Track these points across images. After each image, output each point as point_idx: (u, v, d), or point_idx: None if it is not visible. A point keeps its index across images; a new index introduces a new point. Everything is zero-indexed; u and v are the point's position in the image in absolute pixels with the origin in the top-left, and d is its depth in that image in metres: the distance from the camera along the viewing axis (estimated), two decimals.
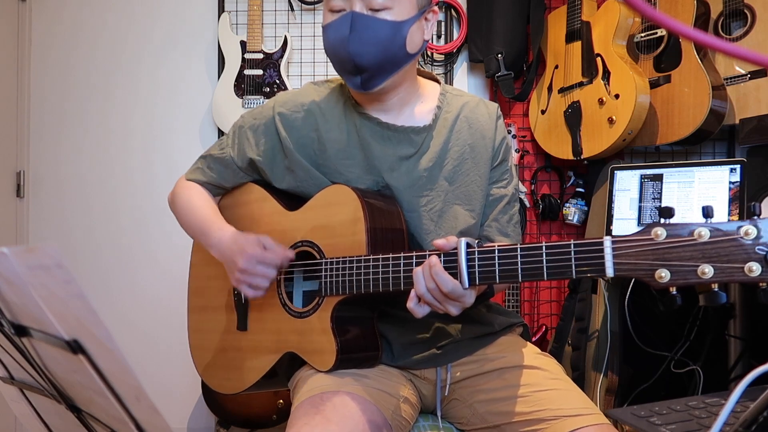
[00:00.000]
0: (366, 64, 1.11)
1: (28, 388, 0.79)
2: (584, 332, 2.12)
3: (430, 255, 1.00)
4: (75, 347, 0.58)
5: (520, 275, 0.92)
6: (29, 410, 0.86)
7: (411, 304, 1.00)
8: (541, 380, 1.12)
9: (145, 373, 2.48)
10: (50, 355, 0.65)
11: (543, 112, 2.42)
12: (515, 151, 2.36)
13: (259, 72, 2.52)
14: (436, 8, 1.20)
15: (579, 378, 2.08)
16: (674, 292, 0.81)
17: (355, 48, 1.10)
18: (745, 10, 2.07)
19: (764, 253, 0.74)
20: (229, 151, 1.30)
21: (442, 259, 0.99)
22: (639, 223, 2.02)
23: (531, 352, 1.20)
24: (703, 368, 1.93)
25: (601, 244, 0.85)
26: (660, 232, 0.81)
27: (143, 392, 0.57)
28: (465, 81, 2.65)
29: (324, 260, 1.14)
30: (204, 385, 1.39)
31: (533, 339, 2.36)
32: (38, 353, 0.68)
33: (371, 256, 1.08)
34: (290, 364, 1.22)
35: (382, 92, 1.18)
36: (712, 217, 0.78)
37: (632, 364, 2.07)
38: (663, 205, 1.95)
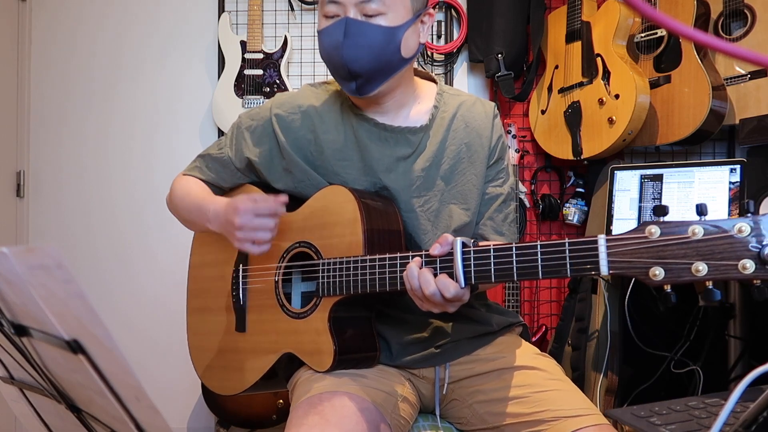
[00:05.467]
0: (360, 70, 1.11)
1: (28, 388, 0.79)
2: (584, 332, 2.12)
3: (427, 259, 1.00)
4: (75, 347, 0.58)
5: (515, 274, 0.93)
6: (29, 410, 0.86)
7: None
8: (540, 381, 1.12)
9: (145, 373, 2.49)
10: (50, 355, 0.66)
11: (543, 112, 2.42)
12: (515, 151, 2.36)
13: (259, 72, 2.52)
14: (432, 11, 1.20)
15: (579, 378, 2.08)
16: (669, 290, 0.81)
17: (349, 54, 1.10)
18: (745, 10, 2.07)
19: (758, 250, 0.74)
20: (227, 151, 1.30)
21: (438, 259, 0.98)
22: (639, 223, 2.02)
23: (530, 353, 1.20)
24: (703, 368, 1.93)
25: (596, 242, 0.85)
26: (654, 230, 0.81)
27: (143, 392, 0.57)
28: (465, 81, 2.65)
29: (321, 261, 1.14)
30: (204, 386, 1.39)
31: (533, 339, 2.36)
32: (38, 353, 0.68)
33: (368, 257, 1.08)
34: (289, 365, 1.22)
35: (378, 96, 1.18)
36: (706, 214, 0.78)
37: (632, 364, 2.07)
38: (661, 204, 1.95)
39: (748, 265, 0.74)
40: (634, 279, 1.93)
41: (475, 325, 1.21)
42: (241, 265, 1.29)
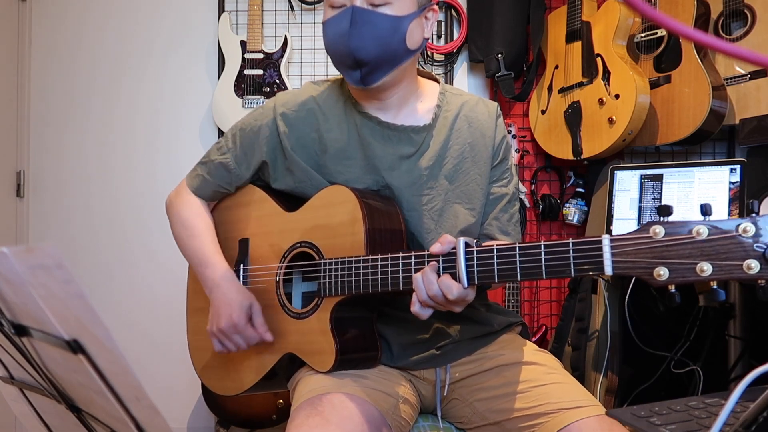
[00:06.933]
0: (366, 58, 1.11)
1: (28, 388, 0.79)
2: (584, 332, 2.12)
3: (429, 259, 1.00)
4: (75, 347, 0.58)
5: (519, 274, 0.92)
6: (29, 410, 0.86)
7: (415, 308, 1.00)
8: (539, 375, 1.13)
9: (145, 373, 2.48)
10: (50, 355, 0.66)
11: (543, 112, 2.42)
12: (515, 151, 2.36)
13: (259, 72, 2.52)
14: (436, 7, 1.20)
15: (579, 378, 2.08)
16: (673, 290, 0.81)
17: (356, 42, 1.11)
18: (745, 11, 2.07)
19: (762, 250, 0.74)
20: (229, 154, 1.29)
21: (441, 259, 0.98)
22: (639, 223, 2.02)
23: (529, 349, 1.21)
24: (703, 368, 1.93)
25: (600, 242, 0.85)
26: (658, 230, 0.81)
27: (143, 392, 0.57)
28: (465, 81, 2.65)
29: (323, 261, 1.14)
30: (204, 385, 1.39)
31: (533, 339, 2.36)
32: (38, 353, 0.68)
33: (370, 257, 1.07)
34: (290, 365, 1.22)
35: (382, 89, 1.18)
36: (710, 214, 0.78)
37: (632, 364, 2.07)
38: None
39: (753, 265, 0.74)
40: (634, 279, 1.94)
41: (476, 326, 1.21)
42: (241, 265, 1.29)
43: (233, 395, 1.30)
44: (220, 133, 2.62)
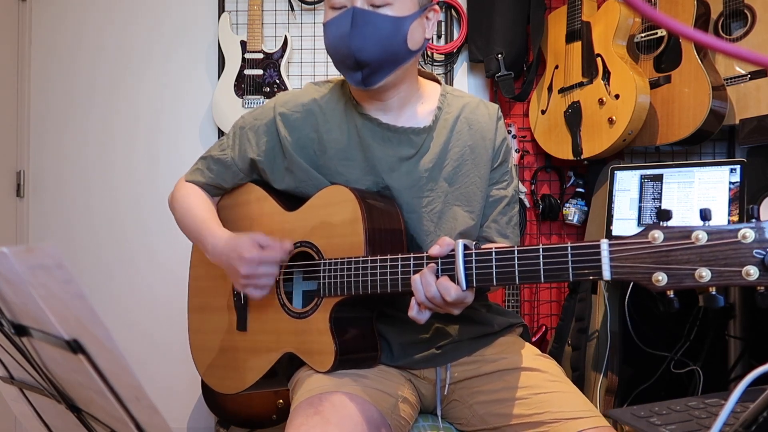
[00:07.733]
0: (367, 59, 1.11)
1: (28, 388, 0.79)
2: (584, 332, 2.12)
3: (428, 261, 1.00)
4: (75, 347, 0.58)
5: (517, 278, 0.92)
6: (29, 410, 0.86)
7: (412, 313, 1.00)
8: (541, 382, 1.12)
9: (145, 373, 2.48)
10: (50, 355, 0.66)
11: (543, 112, 2.42)
12: (515, 151, 2.36)
13: (259, 72, 2.52)
14: (437, 7, 1.20)
15: (579, 378, 2.08)
16: (672, 296, 0.80)
17: (357, 43, 1.10)
18: (745, 11, 2.07)
19: (762, 256, 0.73)
20: (229, 152, 1.30)
21: (439, 261, 0.98)
22: (639, 223, 2.02)
23: (531, 354, 1.20)
24: (703, 368, 1.93)
25: (599, 247, 0.85)
26: (657, 235, 0.80)
27: (143, 392, 0.57)
28: (465, 81, 2.65)
29: (322, 261, 1.14)
30: (204, 385, 1.40)
31: (533, 339, 2.36)
32: (38, 353, 0.68)
33: (369, 258, 1.07)
34: (290, 365, 1.22)
35: (383, 90, 1.18)
36: (710, 219, 0.78)
37: (632, 364, 2.07)
38: (663, 205, 1.95)
39: (752, 272, 0.74)
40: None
41: (476, 326, 1.21)
42: None
43: (234, 394, 1.31)
44: (221, 133, 2.62)
